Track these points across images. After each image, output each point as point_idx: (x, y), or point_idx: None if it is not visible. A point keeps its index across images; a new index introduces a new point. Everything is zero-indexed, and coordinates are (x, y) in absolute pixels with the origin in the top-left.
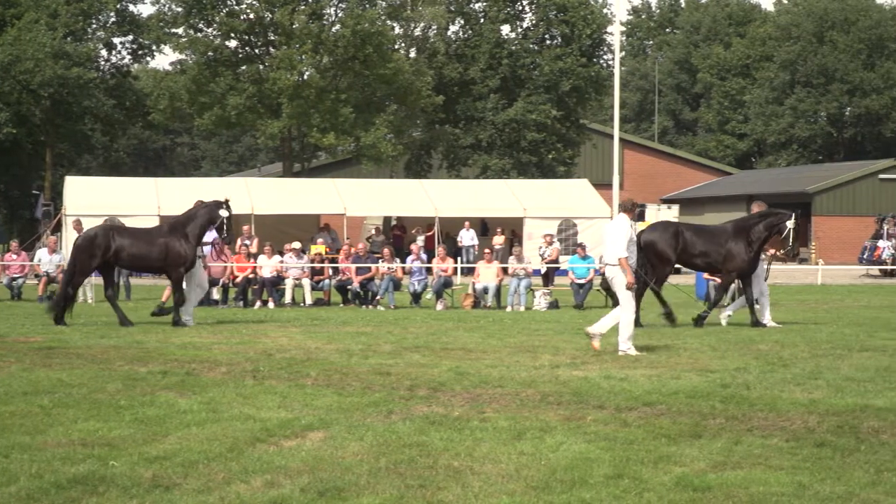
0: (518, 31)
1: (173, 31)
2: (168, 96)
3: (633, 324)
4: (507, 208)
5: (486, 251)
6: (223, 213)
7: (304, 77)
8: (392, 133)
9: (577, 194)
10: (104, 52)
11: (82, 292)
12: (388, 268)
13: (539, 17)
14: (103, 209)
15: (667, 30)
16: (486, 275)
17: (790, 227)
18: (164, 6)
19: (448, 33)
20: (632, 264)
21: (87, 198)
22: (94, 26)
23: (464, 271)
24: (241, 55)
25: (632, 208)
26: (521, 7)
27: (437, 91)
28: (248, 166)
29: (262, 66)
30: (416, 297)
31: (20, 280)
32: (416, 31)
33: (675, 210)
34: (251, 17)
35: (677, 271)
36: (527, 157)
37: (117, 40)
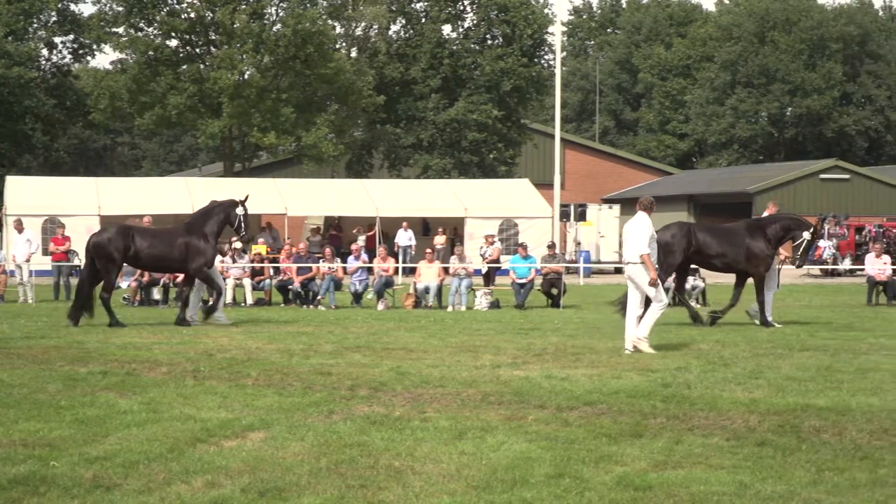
0: (459, 30)
1: (114, 30)
2: (109, 96)
3: (656, 320)
4: (448, 208)
5: (427, 251)
6: (239, 212)
7: (245, 77)
8: (333, 133)
9: (518, 194)
10: (45, 52)
11: (22, 292)
12: (329, 268)
13: (480, 16)
14: (44, 209)
15: (608, 30)
16: (428, 275)
17: (806, 238)
18: (106, 6)
19: (389, 33)
20: (653, 262)
21: (27, 197)
22: (34, 26)
23: (405, 271)
24: (181, 54)
25: (650, 206)
26: (462, 7)
27: (378, 91)
28: (188, 166)
29: (202, 66)
30: (357, 297)
31: None
32: (358, 31)
33: (616, 210)
34: (192, 16)
35: (695, 272)
36: (468, 156)
37: (58, 40)
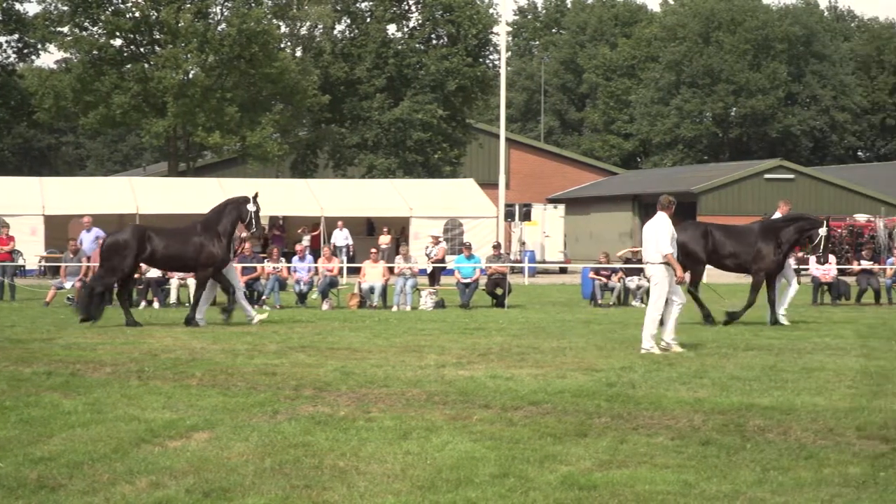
0: (404, 30)
1: (59, 29)
2: (53, 95)
3: (657, 322)
4: (393, 208)
5: (372, 251)
6: (251, 208)
7: (190, 76)
8: (278, 132)
9: (463, 194)
10: None
11: None
12: (273, 268)
13: (425, 16)
14: None
15: (553, 30)
16: (372, 274)
17: (822, 234)
18: (50, 5)
19: (334, 32)
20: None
21: None
22: None
23: (349, 271)
24: (126, 54)
25: (669, 206)
26: (407, 7)
27: (323, 90)
28: (133, 166)
29: (147, 65)
30: (301, 296)
31: None
32: (303, 31)
33: (561, 210)
34: (136, 15)
35: (640, 271)
36: (413, 156)
37: (2, 39)
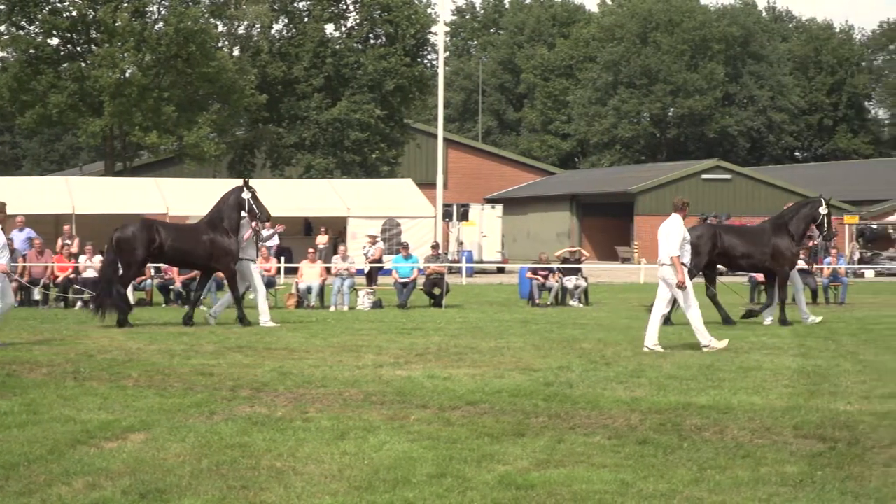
0: (342, 30)
1: None
2: None
3: (700, 317)
4: (330, 207)
5: (309, 251)
6: (245, 195)
7: (127, 75)
8: (215, 132)
9: (401, 194)
10: None
11: None
12: None
13: (363, 16)
14: None
15: (491, 30)
16: (310, 274)
17: (823, 212)
18: None
19: (272, 32)
20: (685, 263)
21: None
22: None
23: (287, 271)
24: (63, 53)
25: (682, 207)
26: (345, 6)
27: (261, 90)
28: (69, 165)
29: (84, 64)
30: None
31: None
32: (240, 30)
33: (498, 210)
34: (74, 14)
35: (577, 271)
36: (351, 156)
37: None
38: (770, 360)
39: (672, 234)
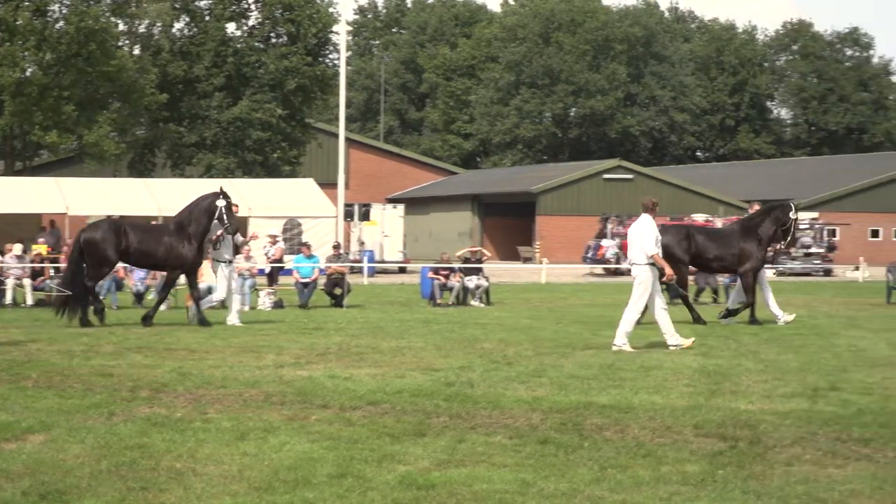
0: (244, 29)
1: None
2: None
3: (634, 322)
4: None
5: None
6: (219, 203)
7: (27, 74)
8: (115, 131)
9: (302, 194)
10: None
11: None
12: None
13: (265, 15)
14: None
15: (393, 30)
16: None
17: (792, 217)
18: None
19: (173, 30)
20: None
21: None
22: None
23: None
24: None
25: (652, 207)
26: (246, 5)
27: (162, 89)
28: None
29: None
30: (139, 297)
31: None
32: (141, 28)
33: (400, 210)
34: None
35: (478, 271)
36: (252, 156)
37: None
38: (671, 359)
39: (646, 234)
